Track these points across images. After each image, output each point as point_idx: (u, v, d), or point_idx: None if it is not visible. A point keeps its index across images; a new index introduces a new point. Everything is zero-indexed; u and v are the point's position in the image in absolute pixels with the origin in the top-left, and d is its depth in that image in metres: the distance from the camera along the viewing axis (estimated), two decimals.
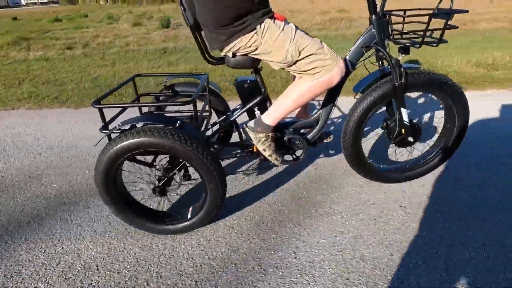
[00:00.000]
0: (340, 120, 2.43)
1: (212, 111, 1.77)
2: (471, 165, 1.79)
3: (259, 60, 1.31)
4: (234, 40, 1.21)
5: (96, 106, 1.19)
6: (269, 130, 1.41)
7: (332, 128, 2.33)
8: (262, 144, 1.41)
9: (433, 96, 1.53)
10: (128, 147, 1.14)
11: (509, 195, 1.52)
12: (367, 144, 2.00)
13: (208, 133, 1.59)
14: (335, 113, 2.48)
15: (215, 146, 1.67)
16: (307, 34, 1.41)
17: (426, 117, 2.34)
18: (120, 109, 1.40)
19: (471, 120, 1.59)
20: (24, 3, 22.49)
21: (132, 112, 1.44)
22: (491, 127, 2.21)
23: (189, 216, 1.34)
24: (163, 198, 1.38)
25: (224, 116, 1.65)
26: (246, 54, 1.27)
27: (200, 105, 1.56)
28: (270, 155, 1.43)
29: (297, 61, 1.22)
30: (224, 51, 1.29)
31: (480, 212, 1.42)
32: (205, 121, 1.62)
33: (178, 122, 1.18)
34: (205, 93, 1.65)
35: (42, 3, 21.17)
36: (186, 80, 1.79)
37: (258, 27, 1.18)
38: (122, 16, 11.56)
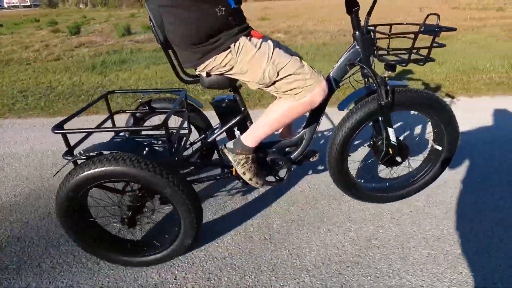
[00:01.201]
0: (328, 134, 2.36)
1: (193, 128, 1.68)
2: None
3: (235, 79, 1.23)
4: (207, 60, 1.12)
5: (57, 131, 1.09)
6: (249, 152, 1.32)
7: (322, 141, 2.25)
8: (241, 167, 1.33)
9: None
10: (92, 177, 1.04)
11: None
12: (354, 161, 1.92)
13: (188, 152, 1.50)
14: (324, 127, 2.41)
15: (194, 166, 1.58)
16: (290, 50, 1.34)
17: (417, 131, 2.29)
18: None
19: None
20: (6, 6, 21.97)
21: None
22: None
23: (162, 246, 1.25)
24: (133, 229, 1.27)
25: (204, 135, 1.56)
26: (221, 74, 1.19)
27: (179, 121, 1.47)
28: (250, 179, 1.34)
29: (275, 81, 1.13)
30: (197, 70, 1.20)
31: None
32: (183, 140, 1.53)
33: (147, 149, 1.08)
34: (184, 110, 1.56)
35: (25, 6, 20.71)
36: (163, 96, 1.69)
37: (232, 45, 1.09)
38: (86, 20, 11.08)
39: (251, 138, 1.29)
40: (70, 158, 1.11)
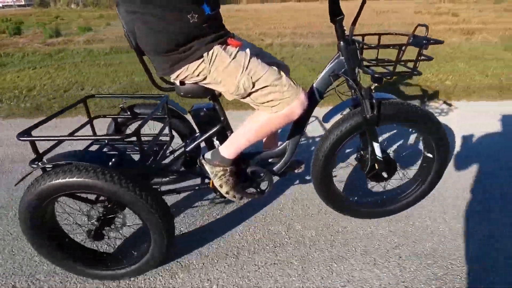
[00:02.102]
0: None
1: (177, 135, 1.63)
2: None
3: (211, 89, 1.17)
4: (179, 68, 1.07)
5: (22, 139, 1.04)
6: (228, 164, 1.26)
7: (312, 148, 2.19)
8: (219, 179, 1.27)
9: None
10: (55, 187, 0.99)
11: None
12: (342, 174, 1.85)
13: (169, 159, 1.45)
14: (317, 133, 2.34)
15: (173, 175, 1.53)
16: (273, 58, 1.28)
17: (410, 142, 2.22)
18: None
19: None
20: (0, 5, 22.07)
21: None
22: None
23: (134, 260, 1.20)
24: (100, 241, 1.22)
25: (184, 143, 1.51)
26: (196, 83, 1.13)
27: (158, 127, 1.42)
28: (227, 192, 1.28)
29: (251, 92, 1.08)
30: (171, 78, 1.15)
31: None
32: (164, 147, 1.48)
33: (114, 159, 1.03)
34: (165, 116, 1.51)
35: (19, 5, 20.73)
36: (145, 101, 1.65)
37: (205, 54, 1.03)
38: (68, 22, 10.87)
39: (229, 149, 1.24)
40: (35, 166, 1.06)
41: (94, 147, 1.37)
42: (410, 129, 1.41)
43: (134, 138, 1.08)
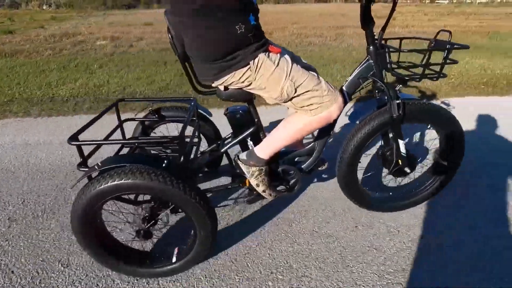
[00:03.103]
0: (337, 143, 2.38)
1: (202, 137, 1.68)
2: None
3: (252, 93, 1.23)
4: (226, 75, 1.12)
5: (72, 143, 1.08)
6: (263, 164, 1.33)
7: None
8: (255, 179, 1.33)
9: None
10: (111, 189, 1.03)
11: None
12: (361, 171, 1.94)
13: (197, 161, 1.50)
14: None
15: (204, 176, 1.58)
16: (304, 62, 1.35)
17: (422, 139, 2.33)
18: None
19: None
20: None
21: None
22: None
23: (175, 259, 1.24)
24: (148, 241, 1.27)
25: (214, 145, 1.56)
26: (240, 88, 1.19)
27: (189, 130, 1.46)
28: (263, 191, 1.34)
29: (293, 97, 1.15)
30: (215, 83, 1.20)
31: None
32: (193, 149, 1.53)
33: (165, 162, 1.08)
34: (194, 119, 1.56)
35: None
36: (173, 104, 1.69)
37: (251, 62, 1.09)
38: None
39: (265, 150, 1.30)
40: (87, 169, 1.10)
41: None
42: (429, 126, 1.50)
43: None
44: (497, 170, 1.96)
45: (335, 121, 1.38)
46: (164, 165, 1.07)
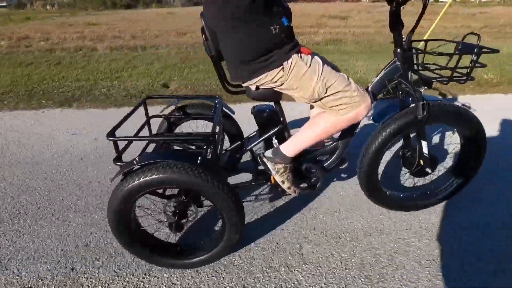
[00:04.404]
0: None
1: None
2: None
3: (281, 93, 1.27)
4: (259, 76, 1.16)
5: (111, 138, 1.13)
6: (288, 161, 1.36)
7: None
8: (280, 176, 1.37)
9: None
10: (150, 183, 1.08)
11: None
12: (381, 171, 1.97)
13: (222, 158, 1.54)
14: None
15: (226, 171, 1.62)
16: (333, 64, 1.38)
17: (444, 140, 2.34)
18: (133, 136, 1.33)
19: None
20: None
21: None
22: None
23: (206, 249, 1.30)
24: (178, 233, 1.32)
25: (239, 143, 1.60)
26: (271, 88, 1.23)
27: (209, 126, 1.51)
28: (288, 187, 1.39)
29: (323, 97, 1.18)
30: (247, 83, 1.24)
31: None
32: (218, 147, 1.57)
33: (200, 158, 1.12)
34: (218, 116, 1.60)
35: (1, 6, 20.27)
36: (197, 102, 1.73)
37: (285, 63, 1.13)
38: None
39: (291, 148, 1.34)
40: (124, 164, 1.15)
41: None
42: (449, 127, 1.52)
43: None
44: None
45: (359, 121, 1.41)
46: (198, 161, 1.11)
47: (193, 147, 1.58)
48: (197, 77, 4.01)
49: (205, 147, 1.29)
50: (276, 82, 1.17)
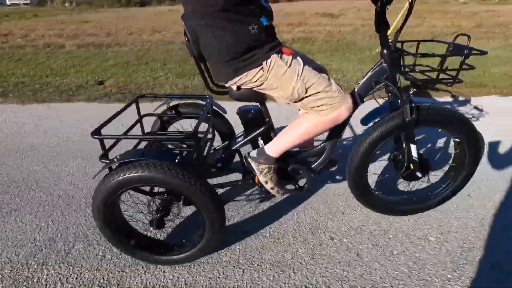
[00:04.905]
0: (347, 143, 2.37)
1: (216, 133, 1.73)
2: None
3: (263, 93, 1.27)
4: (239, 75, 1.17)
5: (95, 137, 1.17)
6: (272, 162, 1.36)
7: (340, 151, 2.27)
8: (264, 176, 1.38)
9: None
10: (129, 180, 1.11)
11: None
12: (373, 174, 1.94)
13: (211, 157, 1.56)
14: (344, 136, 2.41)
15: (216, 171, 1.64)
16: (316, 64, 1.37)
17: (440, 145, 2.27)
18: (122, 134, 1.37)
19: None
20: (8, 3, 22.36)
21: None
22: None
23: (188, 247, 1.32)
24: (161, 230, 1.35)
25: (227, 142, 1.62)
26: (251, 88, 1.23)
27: (203, 127, 1.53)
28: (272, 188, 1.39)
29: (303, 97, 1.17)
30: (228, 83, 1.25)
31: None
32: (207, 145, 1.59)
33: (178, 157, 1.14)
34: (209, 115, 1.61)
35: (25, 3, 21.10)
36: (189, 101, 1.76)
37: (264, 63, 1.13)
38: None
39: (274, 149, 1.34)
40: (107, 161, 1.18)
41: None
42: (440, 130, 1.47)
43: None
44: None
45: (345, 123, 1.39)
46: (177, 160, 1.13)
47: (184, 146, 1.61)
48: (136, 76, 4.10)
49: (186, 146, 1.31)
50: (256, 82, 1.18)
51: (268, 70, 1.14)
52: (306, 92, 1.15)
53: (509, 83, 3.58)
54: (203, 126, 1.58)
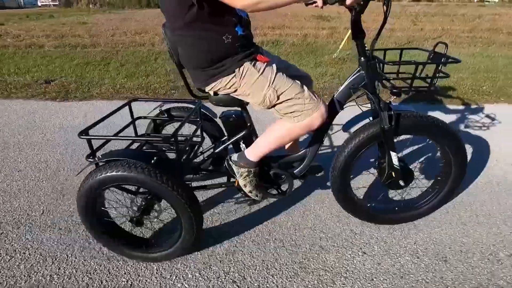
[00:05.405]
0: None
1: (206, 136, 1.79)
2: None
3: (240, 99, 1.31)
4: (214, 81, 1.22)
5: (82, 137, 1.25)
6: (252, 166, 1.40)
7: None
8: (243, 179, 1.41)
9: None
10: (107, 179, 1.18)
11: None
12: (362, 181, 1.92)
13: (200, 159, 1.61)
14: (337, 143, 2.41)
15: (203, 173, 1.69)
16: (299, 71, 1.39)
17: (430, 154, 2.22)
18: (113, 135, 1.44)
19: None
20: (39, 4, 23.62)
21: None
22: None
23: (166, 246, 1.37)
24: (140, 228, 1.41)
25: (213, 145, 1.66)
26: (227, 94, 1.28)
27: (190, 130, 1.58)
28: (250, 191, 1.42)
29: (276, 104, 1.20)
30: (206, 89, 1.30)
31: None
32: (195, 148, 1.65)
33: (155, 158, 1.20)
34: (198, 119, 1.67)
35: (54, 4, 22.19)
36: (181, 105, 1.83)
37: (237, 70, 1.18)
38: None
39: (253, 153, 1.37)
40: (92, 160, 1.26)
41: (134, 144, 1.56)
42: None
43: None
44: None
45: (326, 128, 1.41)
46: (153, 161, 1.19)
47: (168, 148, 1.66)
48: (87, 76, 4.22)
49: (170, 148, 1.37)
50: (230, 88, 1.22)
51: (240, 77, 1.18)
52: (278, 98, 1.18)
53: (460, 92, 3.48)
54: (192, 129, 1.64)
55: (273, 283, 1.29)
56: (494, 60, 4.93)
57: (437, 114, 2.78)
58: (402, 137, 1.49)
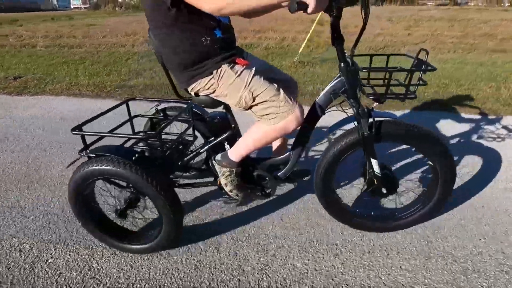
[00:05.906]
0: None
1: (199, 135, 1.85)
2: None
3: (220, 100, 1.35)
4: (194, 82, 1.27)
5: (74, 133, 1.33)
6: (234, 166, 1.43)
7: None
8: (224, 179, 1.45)
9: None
10: (94, 172, 1.26)
11: None
12: (349, 186, 1.90)
13: (187, 158, 1.67)
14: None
15: (192, 171, 1.74)
16: (283, 75, 1.42)
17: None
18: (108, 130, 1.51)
19: None
20: (72, 7, 24.74)
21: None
22: None
23: (147, 240, 1.43)
24: (125, 220, 1.48)
25: (202, 145, 1.72)
26: (207, 95, 1.32)
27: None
28: (230, 190, 1.45)
29: (252, 106, 1.24)
30: (189, 90, 1.35)
31: None
32: (187, 146, 1.71)
33: (136, 155, 1.27)
34: (189, 119, 1.73)
35: (85, 7, 23.20)
36: (175, 105, 1.90)
37: (215, 72, 1.22)
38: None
39: (235, 154, 1.41)
40: (82, 154, 1.35)
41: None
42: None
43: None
44: None
45: (309, 132, 1.41)
46: (134, 157, 1.26)
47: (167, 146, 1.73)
48: (57, 74, 4.40)
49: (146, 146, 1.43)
50: (208, 89, 1.27)
51: (218, 79, 1.22)
52: (254, 100, 1.21)
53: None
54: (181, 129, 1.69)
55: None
56: (460, 66, 4.73)
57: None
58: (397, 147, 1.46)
